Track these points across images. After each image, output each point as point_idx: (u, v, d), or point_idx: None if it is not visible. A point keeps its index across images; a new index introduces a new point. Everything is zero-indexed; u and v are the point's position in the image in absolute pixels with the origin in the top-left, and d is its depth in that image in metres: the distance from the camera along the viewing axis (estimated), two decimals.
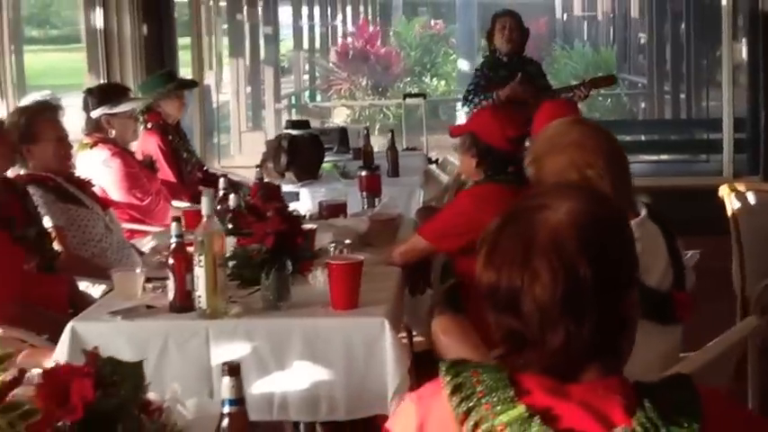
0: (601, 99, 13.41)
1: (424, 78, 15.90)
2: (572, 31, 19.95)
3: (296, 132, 4.80)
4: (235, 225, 2.75)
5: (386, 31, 18.06)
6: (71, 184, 3.71)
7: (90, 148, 4.34)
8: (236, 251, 2.63)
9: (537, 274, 1.19)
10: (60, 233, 3.50)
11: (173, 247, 2.51)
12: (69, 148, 3.74)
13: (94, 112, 4.40)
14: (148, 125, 4.97)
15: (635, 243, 1.29)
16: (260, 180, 3.58)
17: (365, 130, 5.16)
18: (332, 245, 2.79)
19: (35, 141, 3.50)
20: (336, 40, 17.85)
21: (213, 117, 9.39)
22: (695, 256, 2.57)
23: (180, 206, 4.72)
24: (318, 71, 16.54)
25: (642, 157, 9.23)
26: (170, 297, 2.54)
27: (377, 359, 2.52)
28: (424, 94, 7.40)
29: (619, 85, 12.28)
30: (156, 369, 2.38)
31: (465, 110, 5.42)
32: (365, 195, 3.76)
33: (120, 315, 2.53)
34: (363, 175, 3.78)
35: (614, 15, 16.92)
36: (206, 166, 5.60)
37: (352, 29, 18.77)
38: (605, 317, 1.20)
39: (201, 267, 2.45)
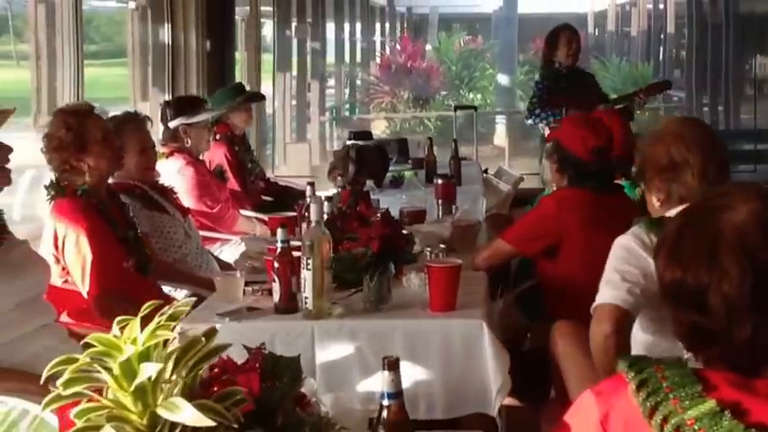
0: (639, 113, 13.37)
1: (461, 92, 15.97)
2: (604, 45, 19.93)
3: (363, 143, 4.87)
4: (338, 229, 2.78)
5: (422, 46, 18.17)
6: (155, 192, 3.78)
7: (166, 157, 4.42)
8: (341, 254, 2.67)
9: (725, 271, 1.21)
10: (145, 239, 3.57)
11: (279, 251, 2.55)
12: (153, 159, 3.82)
13: (172, 123, 4.50)
14: (217, 136, 5.05)
15: None
16: (342, 188, 3.63)
17: (429, 140, 5.21)
18: (427, 249, 2.83)
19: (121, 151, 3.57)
20: (374, 56, 17.97)
21: (267, 129, 9.48)
22: None
23: (247, 214, 4.81)
24: (359, 84, 16.66)
25: None
26: (275, 299, 2.58)
27: (475, 360, 2.54)
28: (475, 107, 7.44)
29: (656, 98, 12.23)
30: None
31: (529, 122, 5.45)
32: (440, 203, 3.79)
33: (228, 317, 2.57)
34: (439, 183, 3.81)
35: (650, 30, 16.87)
36: (268, 177, 5.68)
37: (389, 44, 18.90)
38: None
39: (309, 270, 2.49)
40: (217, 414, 1.14)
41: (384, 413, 1.50)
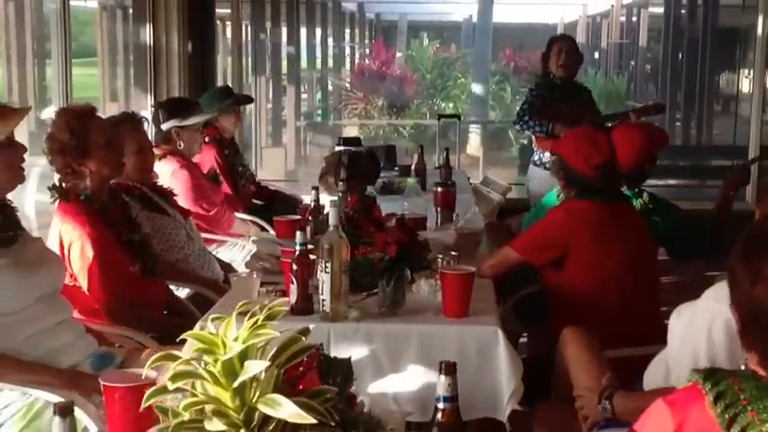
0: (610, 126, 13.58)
1: (435, 100, 16.09)
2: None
3: (355, 148, 4.92)
4: (354, 234, 2.83)
5: (395, 52, 18.27)
6: (155, 194, 3.80)
7: (158, 159, 4.43)
8: (359, 259, 2.72)
9: None
10: (148, 240, 3.59)
11: (298, 253, 2.60)
12: (150, 160, 3.84)
13: (165, 125, 4.51)
14: (206, 139, 5.07)
15: None
16: (343, 193, 3.67)
17: (419, 148, 5.28)
18: (439, 256, 2.89)
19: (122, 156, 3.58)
20: (345, 61, 18.03)
21: (248, 133, 9.49)
22: None
23: (242, 217, 4.84)
24: (331, 90, 16.71)
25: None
26: (291, 300, 2.63)
27: (489, 366, 2.61)
28: (458, 115, 7.54)
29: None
30: None
31: (516, 128, 5.48)
32: (439, 210, 3.86)
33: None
34: (439, 190, 3.88)
35: (622, 43, 17.15)
36: (258, 180, 5.71)
37: (359, 50, 18.96)
38: None
39: (327, 273, 2.54)
40: (314, 411, 1.19)
41: (439, 415, 1.56)
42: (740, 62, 11.24)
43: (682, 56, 11.47)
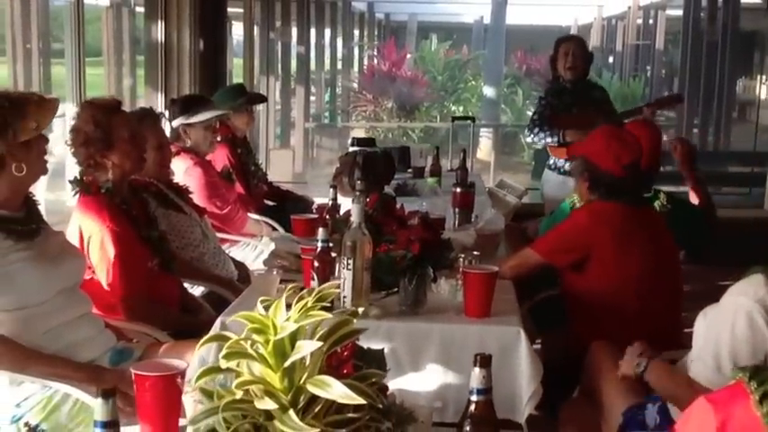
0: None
1: (445, 103, 16.14)
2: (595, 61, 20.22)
3: (370, 149, 4.98)
4: (376, 231, 2.88)
5: (405, 53, 18.31)
6: (171, 191, 3.86)
7: (173, 156, 4.49)
8: (381, 256, 2.78)
9: None
10: (164, 237, 3.65)
11: (319, 250, 2.66)
12: (169, 156, 3.89)
13: (174, 122, 4.57)
14: (218, 138, 5.12)
15: None
16: (362, 192, 3.72)
17: (435, 149, 5.34)
18: (461, 256, 2.94)
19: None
20: (353, 62, 18.10)
21: (257, 135, 9.56)
22: None
23: (255, 217, 4.90)
24: (341, 91, 16.77)
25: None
26: None
27: (510, 367, 2.65)
28: (473, 117, 7.58)
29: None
30: None
31: (528, 140, 5.52)
32: (457, 211, 3.91)
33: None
34: (458, 191, 3.93)
35: (638, 46, 17.18)
36: (270, 180, 5.77)
37: (368, 51, 19.03)
38: None
39: (350, 270, 2.59)
40: (362, 393, 1.24)
41: (472, 408, 1.60)
42: (762, 67, 11.25)
43: (700, 60, 11.50)
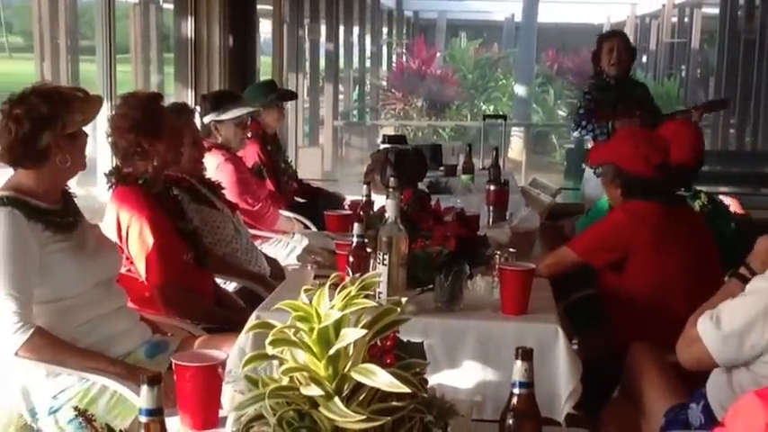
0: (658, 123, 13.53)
1: (475, 102, 16.13)
2: None
3: (402, 147, 4.99)
4: (412, 227, 2.89)
5: (436, 51, 18.34)
6: (203, 186, 3.90)
7: None
8: (417, 252, 2.79)
9: None
10: (197, 232, 3.68)
11: (355, 245, 2.68)
12: (203, 152, 3.93)
13: (206, 118, 4.61)
14: (248, 134, 5.15)
15: None
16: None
17: (468, 147, 5.34)
18: (497, 253, 2.95)
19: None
20: (382, 60, 18.14)
21: (285, 133, 9.61)
22: None
23: (286, 214, 4.93)
24: (369, 90, 16.81)
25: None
26: None
27: (547, 365, 2.65)
28: (504, 116, 7.58)
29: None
30: None
31: (575, 134, 5.50)
32: (491, 209, 3.91)
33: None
34: (492, 189, 3.93)
35: (673, 45, 17.06)
36: (300, 178, 5.80)
37: (396, 49, 19.06)
38: None
39: (385, 266, 2.60)
40: (407, 382, 1.25)
41: (514, 401, 1.62)
42: None
43: (737, 59, 11.41)
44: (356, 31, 16.06)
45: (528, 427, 1.64)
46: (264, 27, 10.48)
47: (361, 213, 3.54)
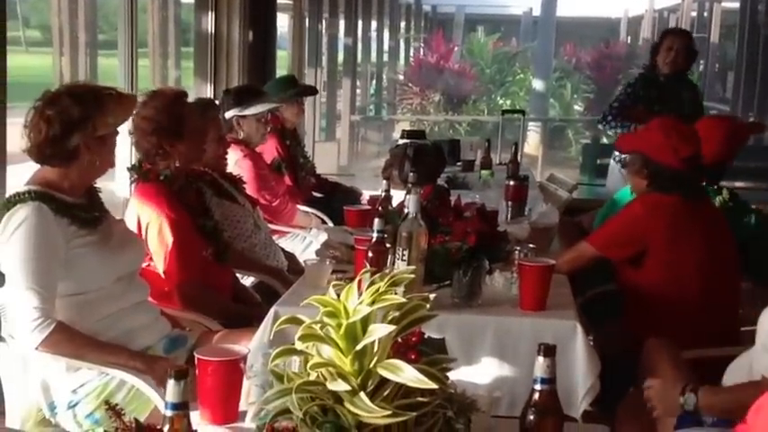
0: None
1: (493, 96, 16.09)
2: (639, 53, 20.03)
3: (420, 142, 5.00)
4: (431, 222, 2.90)
5: (454, 46, 18.30)
6: (225, 181, 3.92)
7: None
8: (436, 248, 2.80)
9: None
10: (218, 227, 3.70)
11: (375, 240, 2.69)
12: (227, 148, 3.96)
13: (228, 113, 4.63)
14: (268, 129, 5.17)
15: None
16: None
17: (486, 142, 5.34)
18: (516, 248, 2.95)
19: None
20: (399, 55, 18.13)
21: (302, 127, 9.63)
22: None
23: (304, 209, 4.95)
24: (386, 84, 16.80)
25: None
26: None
27: (565, 361, 2.64)
28: (523, 111, 7.57)
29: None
30: None
31: (599, 126, 5.47)
32: (510, 204, 3.91)
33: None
34: (511, 184, 3.93)
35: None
36: (318, 173, 5.82)
37: (414, 43, 19.04)
38: None
39: (404, 261, 2.61)
40: (434, 378, 1.27)
41: (536, 397, 1.63)
42: None
43: (757, 54, 11.32)
44: (374, 25, 16.05)
45: (549, 423, 1.65)
46: (280, 21, 10.48)
47: (381, 209, 3.56)
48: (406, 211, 2.65)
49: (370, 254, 2.70)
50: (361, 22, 14.52)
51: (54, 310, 2.47)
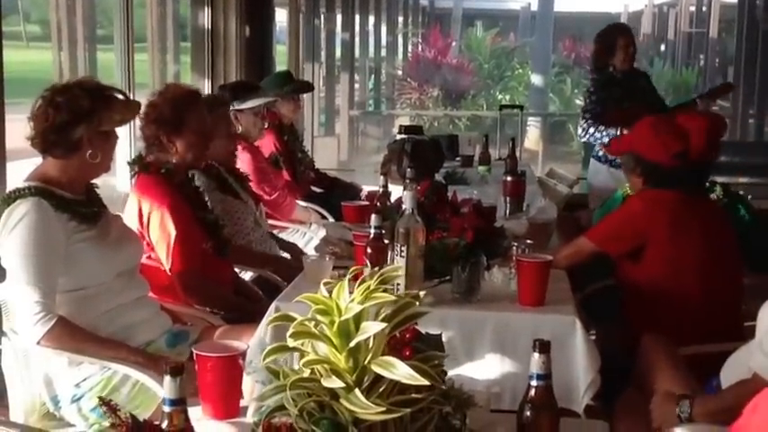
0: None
1: (491, 91, 16.09)
2: (644, 49, 20.04)
3: (418, 137, 5.00)
4: (429, 218, 2.90)
5: (452, 41, 18.30)
6: (230, 176, 3.92)
7: None
8: (434, 244, 2.80)
9: None
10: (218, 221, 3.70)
11: (372, 237, 2.69)
12: (236, 144, 3.97)
13: None
14: (265, 124, 5.17)
15: None
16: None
17: (484, 137, 5.34)
18: (514, 244, 2.96)
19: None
20: (397, 50, 18.13)
21: (301, 122, 9.63)
22: None
23: (302, 204, 4.96)
24: (385, 79, 16.80)
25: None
26: None
27: (565, 356, 2.66)
28: (521, 106, 7.58)
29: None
30: None
31: (583, 140, 5.43)
32: (508, 200, 3.91)
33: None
34: (509, 180, 3.93)
35: (691, 34, 16.96)
36: (317, 168, 5.82)
37: (412, 38, 19.04)
38: None
39: (403, 257, 2.62)
40: (426, 375, 1.27)
41: (532, 393, 1.63)
42: None
43: (756, 49, 11.33)
44: (372, 20, 16.04)
45: (545, 418, 1.65)
46: (281, 16, 10.48)
47: (379, 204, 3.56)
48: (403, 207, 2.65)
49: (368, 250, 2.70)
50: (358, 17, 14.52)
51: (55, 305, 2.48)
